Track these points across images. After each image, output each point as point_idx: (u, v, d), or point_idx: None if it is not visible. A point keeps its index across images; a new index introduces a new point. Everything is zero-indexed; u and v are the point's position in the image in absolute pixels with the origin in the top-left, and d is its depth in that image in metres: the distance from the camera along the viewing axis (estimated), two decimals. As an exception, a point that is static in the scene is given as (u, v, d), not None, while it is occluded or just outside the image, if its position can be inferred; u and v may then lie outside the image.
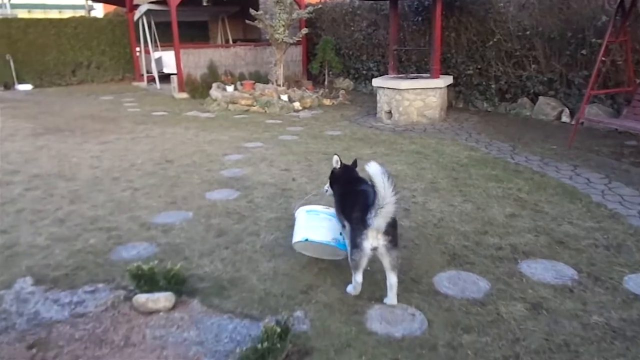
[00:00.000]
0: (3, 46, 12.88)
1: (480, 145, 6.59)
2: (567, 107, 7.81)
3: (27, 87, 13.26)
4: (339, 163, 3.21)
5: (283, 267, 3.23)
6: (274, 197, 4.62)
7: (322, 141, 6.94)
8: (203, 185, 5.00)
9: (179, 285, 2.83)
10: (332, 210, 3.20)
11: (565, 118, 7.76)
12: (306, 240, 3.04)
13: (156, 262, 2.96)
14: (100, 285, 2.98)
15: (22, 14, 21.52)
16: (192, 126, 8.02)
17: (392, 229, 2.63)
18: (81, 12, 23.76)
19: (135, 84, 14.01)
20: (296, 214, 3.34)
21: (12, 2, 24.20)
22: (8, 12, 20.03)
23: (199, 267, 3.23)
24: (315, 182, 5.03)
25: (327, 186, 3.32)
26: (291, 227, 3.42)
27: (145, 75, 13.61)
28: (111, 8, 17.41)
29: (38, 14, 27.19)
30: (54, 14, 28.73)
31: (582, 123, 6.95)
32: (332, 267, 3.18)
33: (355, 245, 2.66)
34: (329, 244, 3.04)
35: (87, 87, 13.64)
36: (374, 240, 2.63)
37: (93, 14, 22.36)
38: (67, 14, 23.47)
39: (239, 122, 8.36)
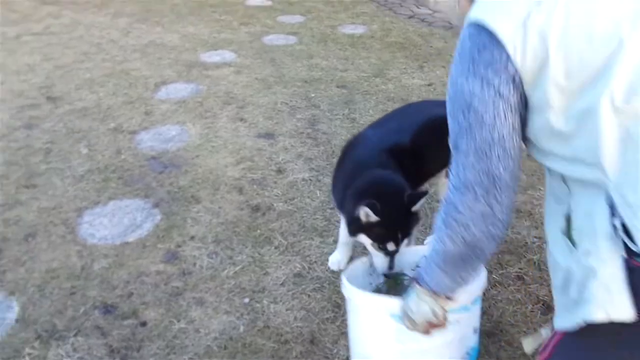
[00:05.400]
0: None
1: None
2: None
3: None
4: (375, 209, 1.37)
5: None
6: (231, 239, 2.04)
7: (336, 49, 4.07)
8: (87, 187, 2.37)
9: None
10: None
11: None
12: None
13: None
14: None
15: None
16: (128, 11, 4.98)
17: None
18: None
19: None
20: (348, 295, 1.32)
21: None
22: None
23: None
24: (327, 178, 2.40)
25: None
26: None
27: None
28: None
29: None
30: None
31: None
32: None
33: None
34: None
35: None
36: None
37: None
38: None
39: (205, 4, 5.27)
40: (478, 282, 1.23)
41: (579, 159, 0.78)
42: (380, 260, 1.46)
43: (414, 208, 1.44)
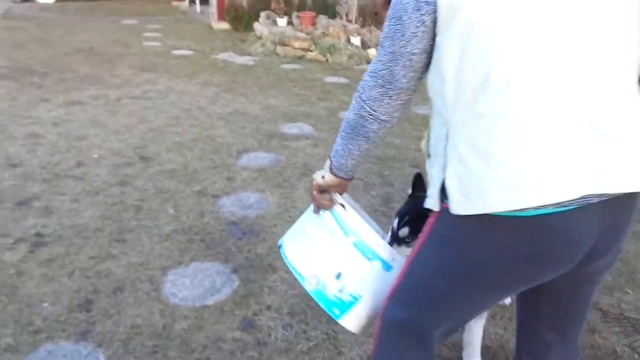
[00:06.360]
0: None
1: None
2: None
3: (48, 0, 11.00)
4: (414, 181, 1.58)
5: None
6: (306, 313, 2.06)
7: (410, 129, 4.17)
8: (172, 247, 2.50)
9: None
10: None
11: None
12: (280, 247, 1.43)
13: None
14: None
15: None
16: (215, 81, 5.41)
17: None
18: None
19: (174, 3, 11.38)
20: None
21: None
22: None
23: None
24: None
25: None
26: None
27: (188, -7, 10.95)
28: None
29: None
30: None
31: None
32: None
33: None
34: (301, 279, 1.30)
35: (118, 4, 11.18)
36: None
37: None
38: None
39: (285, 79, 5.64)
40: (374, 239, 1.24)
41: (443, 98, 1.00)
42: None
43: None
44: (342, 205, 1.26)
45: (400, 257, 1.26)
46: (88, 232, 2.57)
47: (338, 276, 1.24)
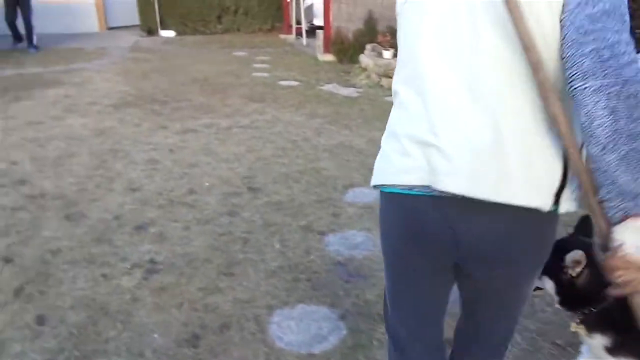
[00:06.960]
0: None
1: None
2: None
3: (170, 34, 11.96)
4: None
5: None
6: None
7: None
8: (278, 285, 2.42)
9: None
10: None
11: None
12: None
13: None
14: None
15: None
16: (321, 112, 5.43)
17: None
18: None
19: (282, 36, 11.87)
20: None
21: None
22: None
23: None
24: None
25: None
26: None
27: (295, 26, 11.36)
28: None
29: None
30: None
31: None
32: None
33: None
34: None
35: (230, 37, 11.88)
36: None
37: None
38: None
39: (389, 111, 5.51)
40: None
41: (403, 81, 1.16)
42: None
43: None
44: None
45: None
46: (197, 262, 2.59)
47: None
